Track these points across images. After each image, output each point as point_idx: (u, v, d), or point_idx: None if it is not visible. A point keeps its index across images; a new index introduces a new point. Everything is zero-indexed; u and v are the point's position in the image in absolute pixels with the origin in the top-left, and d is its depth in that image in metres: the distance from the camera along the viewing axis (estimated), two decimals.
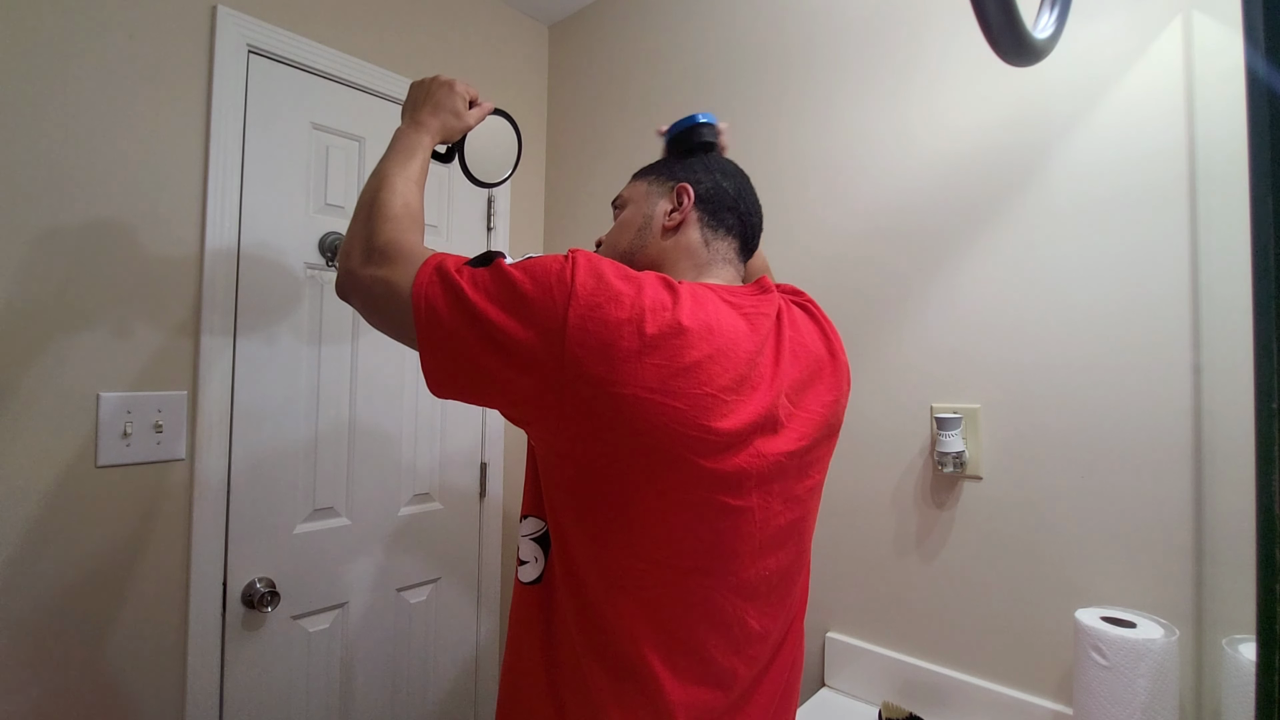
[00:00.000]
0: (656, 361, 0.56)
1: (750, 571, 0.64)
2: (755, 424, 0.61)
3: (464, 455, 1.66)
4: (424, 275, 0.61)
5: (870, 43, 1.24)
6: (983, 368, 1.09)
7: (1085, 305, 0.99)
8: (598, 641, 0.61)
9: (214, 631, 1.21)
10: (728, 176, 0.75)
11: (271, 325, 1.30)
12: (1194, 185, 0.91)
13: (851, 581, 1.23)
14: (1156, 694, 0.83)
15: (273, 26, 1.30)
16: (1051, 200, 1.03)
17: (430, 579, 1.58)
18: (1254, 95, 0.33)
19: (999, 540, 1.06)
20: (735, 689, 0.65)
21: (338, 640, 1.40)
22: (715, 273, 0.72)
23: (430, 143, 0.82)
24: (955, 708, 1.08)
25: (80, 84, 1.08)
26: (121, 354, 1.11)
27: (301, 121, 1.36)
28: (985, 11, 0.55)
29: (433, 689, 1.58)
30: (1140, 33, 0.96)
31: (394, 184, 0.73)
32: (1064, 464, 1.00)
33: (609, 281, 0.57)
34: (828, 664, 1.23)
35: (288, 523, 1.32)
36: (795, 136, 1.34)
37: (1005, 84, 1.07)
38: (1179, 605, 0.90)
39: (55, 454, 1.05)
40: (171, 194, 1.17)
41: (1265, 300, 0.32)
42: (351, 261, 0.68)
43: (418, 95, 0.86)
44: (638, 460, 0.57)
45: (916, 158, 1.17)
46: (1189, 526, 0.90)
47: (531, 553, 0.68)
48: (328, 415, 1.39)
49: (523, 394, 0.58)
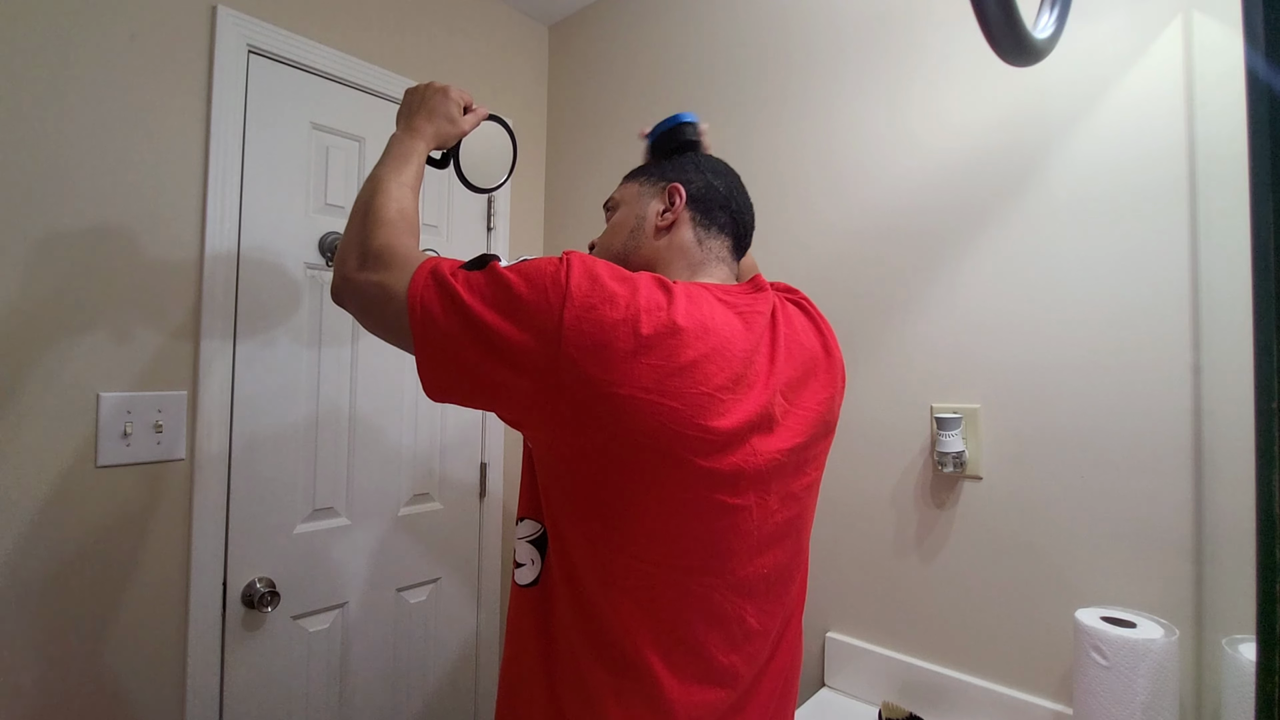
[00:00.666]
0: (652, 362, 0.56)
1: (748, 569, 0.64)
2: (751, 422, 0.61)
3: (464, 455, 1.66)
4: (419, 279, 0.61)
5: (870, 43, 1.24)
6: (983, 368, 1.09)
7: (1085, 305, 0.99)
8: (597, 642, 0.61)
9: (214, 631, 1.21)
10: (719, 175, 0.76)
11: (271, 325, 1.30)
12: (1194, 185, 0.91)
13: (851, 581, 1.23)
14: (1156, 694, 0.83)
15: (273, 26, 1.30)
16: (1051, 200, 1.03)
17: (430, 579, 1.58)
18: (1254, 95, 0.33)
19: (999, 540, 1.06)
20: (735, 687, 0.65)
21: (338, 640, 1.40)
22: (709, 272, 0.72)
23: (425, 149, 0.83)
24: (955, 708, 1.08)
25: (80, 84, 1.08)
26: (121, 354, 1.11)
27: (301, 121, 1.36)
28: (985, 11, 0.56)
29: (432, 689, 1.58)
30: (1140, 33, 0.96)
31: (389, 189, 0.74)
32: (1064, 464, 1.00)
33: (604, 283, 0.57)
34: (828, 664, 1.23)
35: (288, 523, 1.32)
36: (796, 136, 1.34)
37: (1005, 84, 1.07)
38: (1179, 605, 0.90)
39: (55, 454, 1.05)
40: (172, 194, 1.17)
41: (1265, 300, 0.32)
42: (347, 267, 0.68)
43: (412, 101, 0.86)
44: (635, 460, 0.58)
45: (917, 157, 1.18)
46: (1189, 526, 0.90)
47: (528, 555, 0.68)
48: (327, 415, 1.39)
49: (519, 396, 0.58)
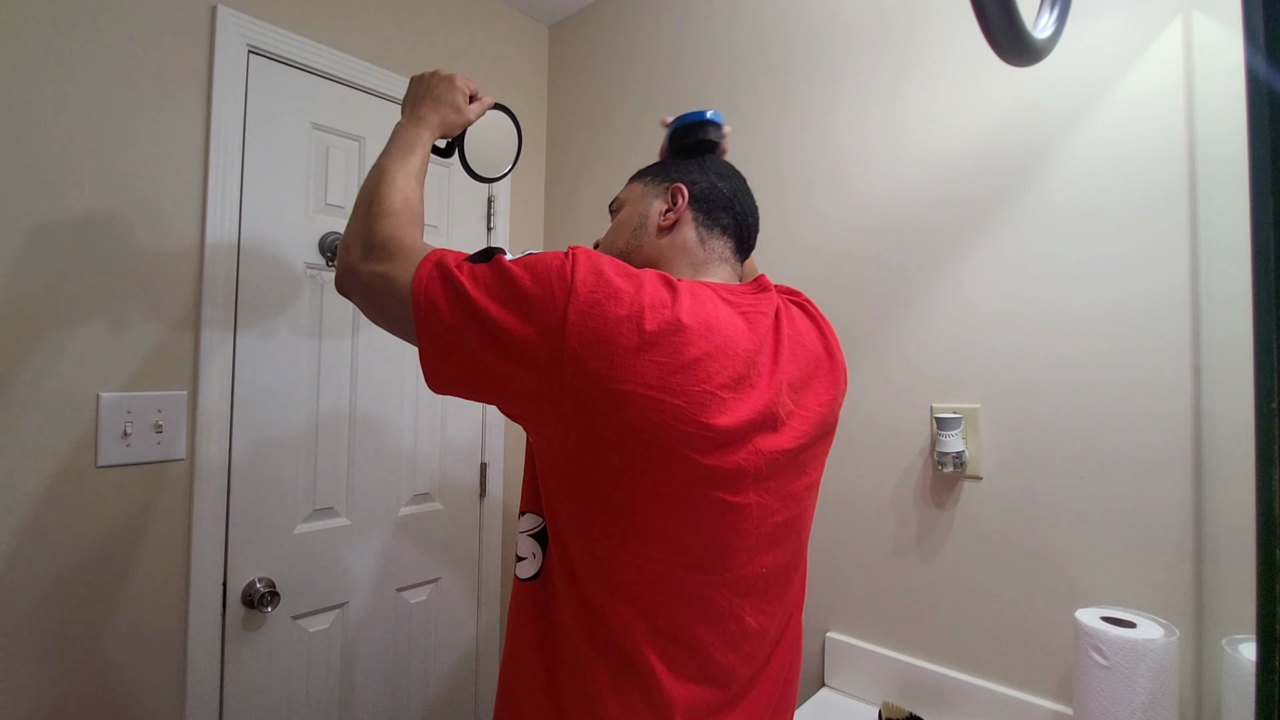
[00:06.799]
0: (655, 358, 0.56)
1: (747, 568, 0.64)
2: (754, 421, 0.61)
3: (464, 455, 1.66)
4: (424, 271, 0.60)
5: (871, 43, 1.24)
6: (983, 368, 1.09)
7: (1085, 305, 0.99)
8: (596, 637, 0.61)
9: (214, 631, 1.21)
10: (723, 177, 0.76)
11: (271, 325, 1.30)
12: (1194, 185, 0.91)
13: (851, 581, 1.23)
14: (1156, 694, 0.83)
15: (273, 26, 1.30)
16: (1051, 200, 1.03)
17: (430, 579, 1.58)
18: (1254, 95, 0.33)
19: (999, 540, 1.06)
20: (732, 686, 0.65)
21: (338, 640, 1.40)
22: (712, 272, 0.72)
23: (430, 138, 0.82)
24: (955, 708, 1.08)
25: (81, 84, 1.08)
26: (121, 354, 1.11)
27: (301, 121, 1.36)
28: (985, 11, 0.55)
29: (433, 689, 1.58)
30: (1140, 33, 0.96)
31: (394, 179, 0.73)
32: (1064, 464, 1.00)
33: (609, 278, 0.57)
34: (828, 664, 1.23)
35: (288, 522, 1.32)
36: (796, 135, 1.34)
37: (1005, 84, 1.07)
38: (1179, 605, 0.90)
39: (55, 454, 1.05)
40: (172, 195, 1.17)
41: (1265, 300, 0.32)
42: (351, 257, 0.68)
43: (418, 89, 0.85)
44: (636, 456, 0.57)
45: (917, 157, 1.17)
46: (1189, 526, 0.90)
47: (529, 549, 0.68)
48: (327, 415, 1.39)
49: (522, 390, 0.58)
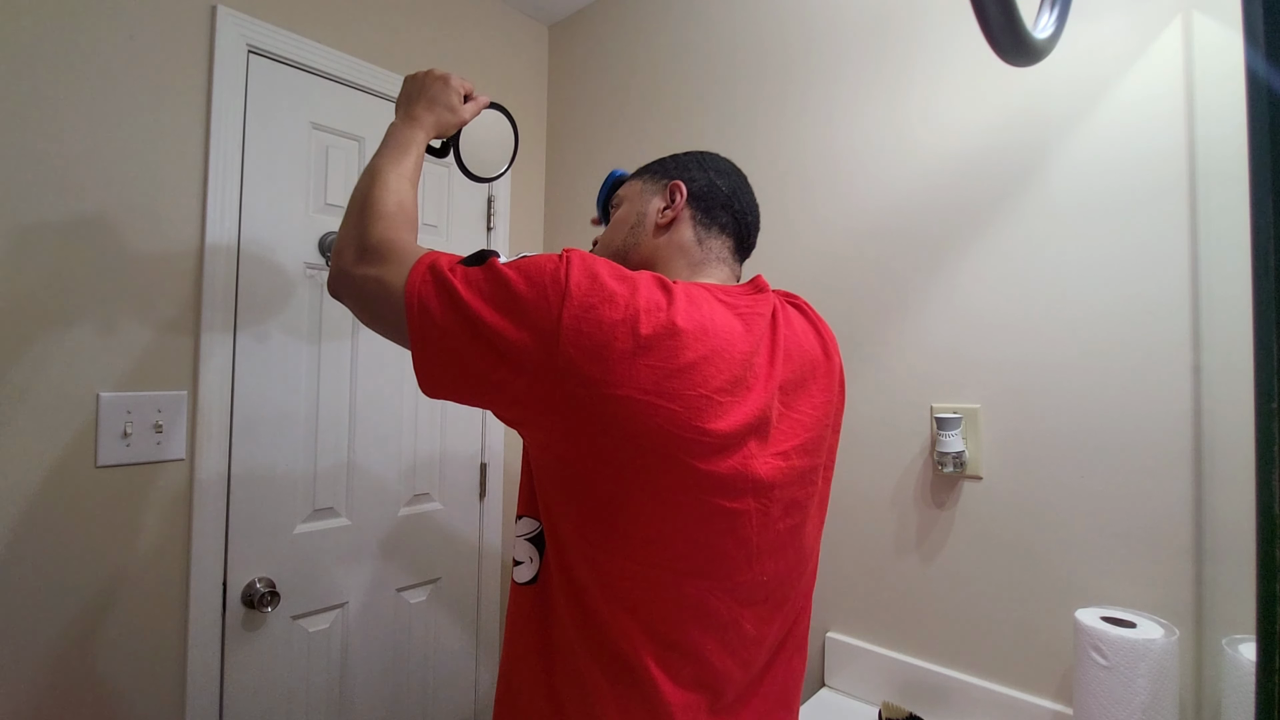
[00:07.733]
0: (651, 363, 0.55)
1: (746, 575, 0.63)
2: (750, 425, 0.60)
3: (464, 455, 1.66)
4: (417, 274, 0.60)
5: (870, 43, 1.24)
6: (983, 368, 1.09)
7: (1085, 305, 0.99)
8: (594, 642, 0.61)
9: (214, 631, 1.21)
10: (723, 175, 0.75)
11: (271, 325, 1.30)
12: (1194, 185, 0.91)
13: (851, 581, 1.23)
14: (1156, 694, 0.83)
15: (273, 26, 1.30)
16: (1051, 200, 1.03)
17: (430, 579, 1.58)
18: (1254, 95, 0.33)
19: (999, 540, 1.06)
20: (730, 691, 0.64)
21: (338, 640, 1.40)
22: (710, 272, 0.72)
23: (425, 138, 0.81)
24: (955, 708, 1.08)
25: (81, 84, 1.08)
26: (121, 354, 1.11)
27: (301, 121, 1.36)
28: (985, 11, 0.55)
29: (432, 689, 1.58)
30: (1140, 33, 0.95)
31: (387, 181, 0.73)
32: (1064, 464, 1.00)
33: (603, 282, 0.57)
34: (828, 664, 1.23)
35: (288, 523, 1.32)
36: (796, 136, 1.34)
37: (1005, 84, 1.07)
38: (1179, 605, 0.90)
39: (55, 454, 1.05)
40: (172, 194, 1.17)
41: (1265, 300, 0.32)
42: (344, 260, 0.67)
43: (412, 89, 0.85)
44: (631, 462, 0.57)
45: (917, 157, 1.17)
46: (1189, 526, 0.90)
47: (527, 553, 0.67)
48: (327, 415, 1.39)
49: (516, 395, 0.57)
